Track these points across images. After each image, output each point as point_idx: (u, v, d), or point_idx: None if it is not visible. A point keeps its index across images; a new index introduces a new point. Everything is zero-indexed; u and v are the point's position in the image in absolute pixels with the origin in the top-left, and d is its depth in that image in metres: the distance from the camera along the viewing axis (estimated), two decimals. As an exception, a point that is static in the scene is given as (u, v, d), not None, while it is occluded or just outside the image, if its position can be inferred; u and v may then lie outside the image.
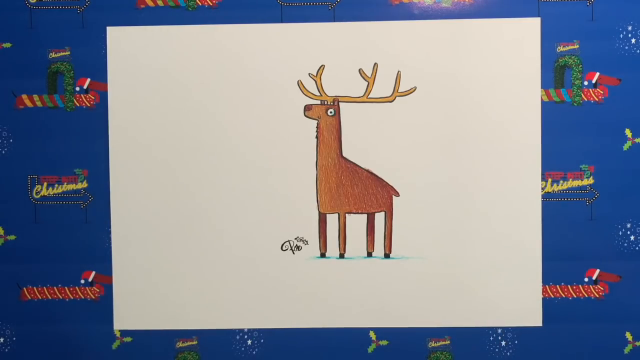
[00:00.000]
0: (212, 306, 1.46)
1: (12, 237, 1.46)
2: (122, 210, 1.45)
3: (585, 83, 1.42)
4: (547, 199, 1.43)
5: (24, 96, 1.45)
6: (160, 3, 1.44)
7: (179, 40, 1.43)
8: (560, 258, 1.43)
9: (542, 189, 1.42)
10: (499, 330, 1.45)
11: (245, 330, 1.46)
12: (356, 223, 1.46)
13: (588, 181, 1.42)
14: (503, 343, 1.45)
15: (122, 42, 1.44)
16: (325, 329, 1.45)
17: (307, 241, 1.45)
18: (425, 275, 1.44)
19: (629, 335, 1.44)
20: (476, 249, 1.43)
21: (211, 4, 1.44)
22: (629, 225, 1.43)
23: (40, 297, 1.47)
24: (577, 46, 1.41)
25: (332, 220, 1.45)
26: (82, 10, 1.44)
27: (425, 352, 1.45)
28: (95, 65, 1.44)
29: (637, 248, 1.43)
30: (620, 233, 1.43)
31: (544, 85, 1.42)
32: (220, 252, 1.45)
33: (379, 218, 1.45)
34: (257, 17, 1.43)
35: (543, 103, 1.42)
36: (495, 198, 1.42)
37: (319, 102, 1.44)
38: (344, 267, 1.45)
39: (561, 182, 1.42)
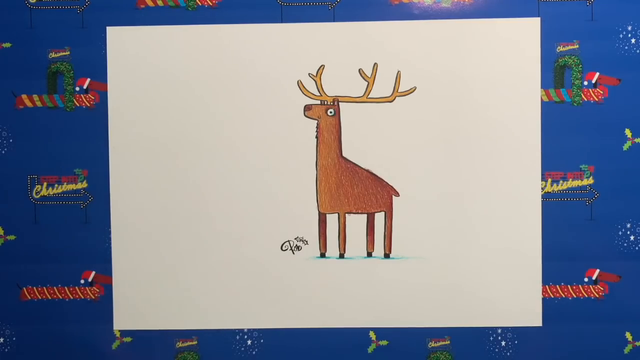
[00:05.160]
0: (212, 306, 1.46)
1: (12, 237, 1.46)
2: (122, 210, 1.45)
3: (585, 83, 1.42)
4: (547, 199, 1.43)
5: (24, 96, 1.45)
6: (160, 3, 1.44)
7: (179, 40, 1.43)
8: (560, 258, 1.43)
9: (542, 189, 1.42)
10: (499, 330, 1.45)
11: (245, 330, 1.46)
12: (356, 223, 1.46)
13: (588, 181, 1.42)
14: (503, 343, 1.45)
15: (122, 42, 1.44)
16: (325, 329, 1.45)
17: (307, 241, 1.45)
18: (425, 275, 1.44)
19: (629, 335, 1.44)
20: (476, 249, 1.43)
21: (211, 4, 1.44)
22: (629, 225, 1.43)
23: (40, 297, 1.47)
24: (577, 46, 1.41)
25: (332, 220, 1.45)
26: (82, 10, 1.44)
27: (425, 352, 1.45)
28: (95, 65, 1.44)
29: (637, 248, 1.43)
30: (620, 233, 1.43)
31: (544, 85, 1.42)
32: (220, 252, 1.45)
33: (379, 218, 1.45)
34: (257, 17, 1.43)
35: (543, 103, 1.42)
36: (495, 198, 1.42)
37: (319, 102, 1.44)
38: (344, 267, 1.45)
39: (561, 182, 1.42)
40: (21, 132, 1.46)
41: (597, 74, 1.42)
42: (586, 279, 1.43)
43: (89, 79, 1.45)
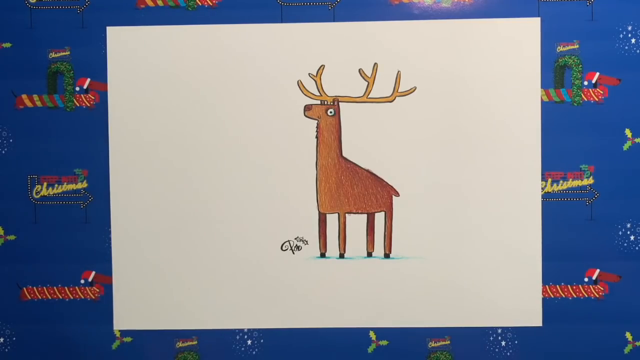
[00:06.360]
0: (212, 306, 1.46)
1: (12, 237, 1.46)
2: (122, 210, 1.45)
3: (585, 83, 1.42)
4: (547, 199, 1.43)
5: (24, 96, 1.45)
6: (160, 3, 1.44)
7: (179, 40, 1.43)
8: (560, 258, 1.43)
9: (542, 189, 1.42)
10: (499, 330, 1.45)
11: (245, 330, 1.47)
12: (356, 223, 1.46)
13: (588, 181, 1.42)
14: (503, 343, 1.45)
15: (122, 42, 1.44)
16: (325, 329, 1.45)
17: (307, 241, 1.45)
18: (425, 275, 1.44)
19: (629, 335, 1.44)
20: (476, 249, 1.43)
21: (211, 4, 1.44)
22: (629, 225, 1.43)
23: (40, 297, 1.47)
24: (577, 46, 1.41)
25: (332, 220, 1.45)
26: (82, 10, 1.44)
27: (425, 352, 1.45)
28: (95, 65, 1.44)
29: (637, 248, 1.43)
30: (620, 233, 1.43)
31: (544, 85, 1.42)
32: (220, 252, 1.45)
33: (379, 218, 1.45)
34: (257, 17, 1.43)
35: (543, 103, 1.42)
36: (495, 198, 1.42)
37: (319, 102, 1.44)
38: (344, 267, 1.45)
39: (561, 182, 1.42)
40: (21, 132, 1.46)
41: (597, 74, 1.42)
42: (586, 279, 1.43)
43: (89, 79, 1.45)
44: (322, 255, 1.45)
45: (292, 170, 1.44)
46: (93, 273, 1.46)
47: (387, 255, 1.45)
